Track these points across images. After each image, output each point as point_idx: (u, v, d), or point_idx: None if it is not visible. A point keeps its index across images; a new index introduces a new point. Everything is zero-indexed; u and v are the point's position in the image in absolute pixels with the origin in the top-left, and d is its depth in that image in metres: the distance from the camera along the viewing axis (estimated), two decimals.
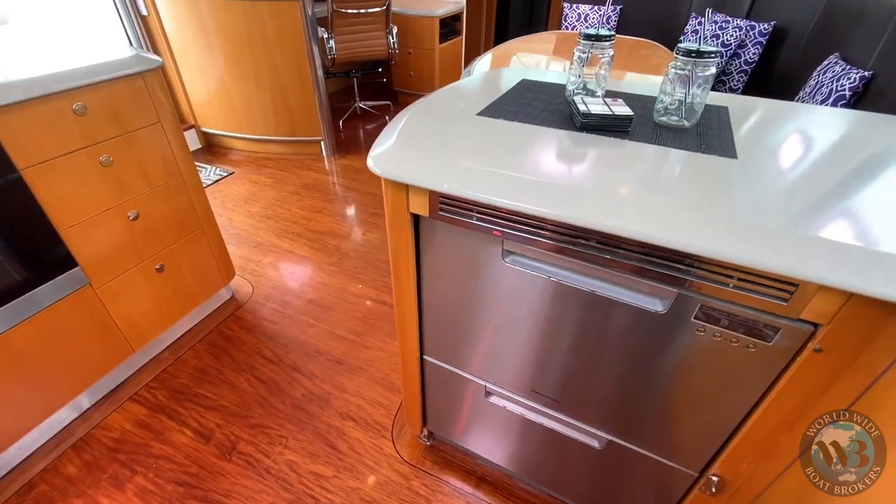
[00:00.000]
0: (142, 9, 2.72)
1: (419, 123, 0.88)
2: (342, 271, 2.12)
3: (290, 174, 2.97)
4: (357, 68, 3.42)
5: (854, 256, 0.54)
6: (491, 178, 0.71)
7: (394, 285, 0.98)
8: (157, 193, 1.45)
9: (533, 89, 1.07)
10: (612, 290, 0.73)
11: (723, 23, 2.76)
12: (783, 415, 0.69)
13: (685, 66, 0.82)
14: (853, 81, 1.75)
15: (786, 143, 0.83)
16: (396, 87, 4.06)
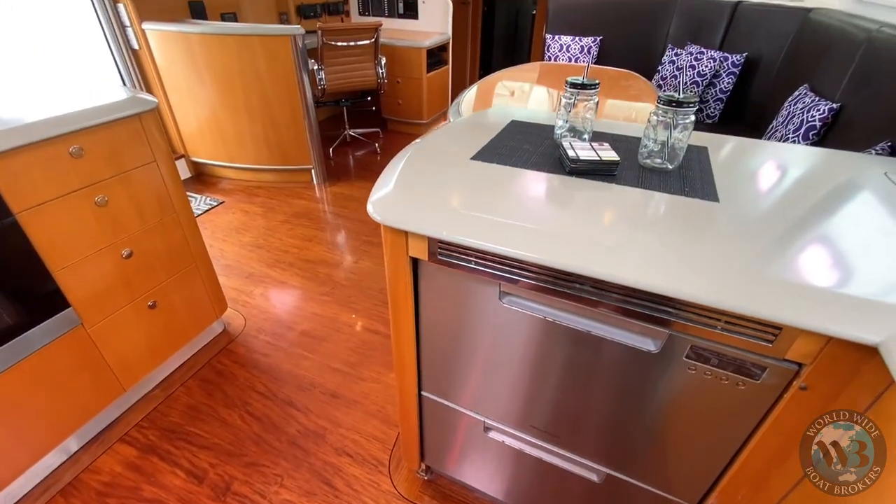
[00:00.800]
0: (133, 43, 2.75)
1: (416, 168, 0.91)
2: (335, 301, 2.12)
3: (280, 203, 2.98)
4: (347, 97, 3.48)
5: (831, 301, 0.58)
6: (488, 224, 0.74)
7: (392, 325, 0.99)
8: (152, 230, 1.46)
9: (522, 131, 1.12)
10: (606, 330, 0.75)
11: (698, 54, 2.90)
12: (773, 449, 0.72)
13: (666, 114, 0.87)
14: (823, 113, 1.85)
15: (764, 185, 0.88)
16: (385, 114, 4.13)
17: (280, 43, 2.61)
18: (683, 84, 0.95)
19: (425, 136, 1.10)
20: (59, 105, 1.21)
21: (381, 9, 4.08)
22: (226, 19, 3.17)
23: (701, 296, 0.61)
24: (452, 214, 0.76)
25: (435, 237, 0.76)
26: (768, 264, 0.63)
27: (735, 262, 0.64)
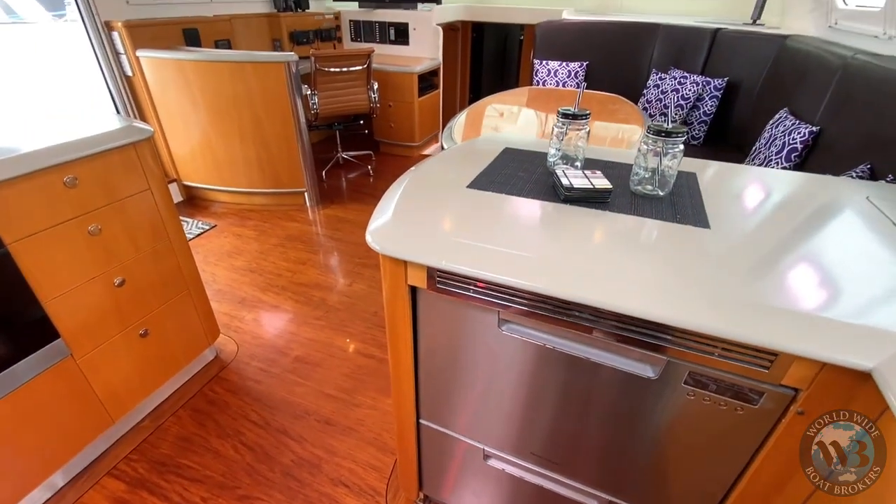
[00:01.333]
0: (127, 70, 2.77)
1: (413, 197, 0.92)
2: (329, 325, 2.11)
3: (273, 226, 2.98)
4: (339, 121, 3.52)
5: (824, 327, 0.60)
6: (486, 253, 0.75)
7: (390, 352, 0.99)
8: (145, 258, 1.44)
9: (516, 158, 1.14)
10: (605, 356, 0.76)
11: (681, 78, 2.99)
12: (773, 475, 0.72)
13: (656, 143, 0.89)
14: (803, 136, 1.91)
15: (752, 211, 0.91)
16: (377, 137, 4.18)
17: (274, 69, 2.65)
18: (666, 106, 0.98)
19: (421, 163, 1.12)
20: (54, 134, 1.21)
21: (372, 35, 4.17)
22: (220, 46, 3.21)
23: (697, 323, 0.62)
24: (451, 243, 0.77)
25: (434, 266, 0.77)
26: (761, 291, 0.65)
27: (729, 290, 0.65)
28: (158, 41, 2.79)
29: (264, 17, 3.64)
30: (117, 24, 2.60)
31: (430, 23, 3.91)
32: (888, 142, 1.47)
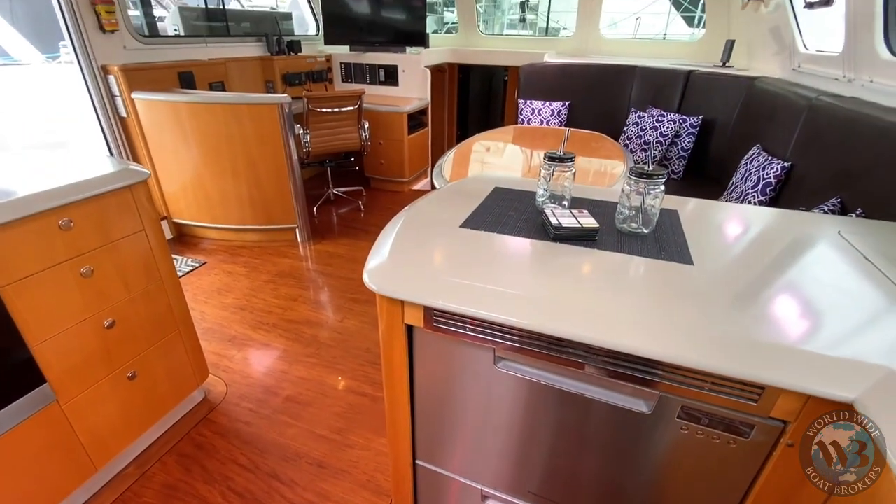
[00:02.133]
0: (121, 111, 2.82)
1: (408, 237, 0.95)
2: (320, 363, 2.08)
3: (264, 262, 2.98)
4: (331, 158, 3.59)
5: (806, 360, 0.62)
6: (481, 292, 0.77)
7: (386, 392, 0.99)
8: (136, 299, 1.44)
9: (506, 197, 1.19)
10: (599, 392, 0.78)
11: (658, 116, 3.14)
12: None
13: (638, 184, 0.94)
14: (776, 171, 2.01)
15: (732, 248, 0.95)
16: (368, 173, 4.26)
17: (267, 110, 2.72)
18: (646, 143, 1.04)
19: (415, 203, 1.16)
20: (51, 176, 1.23)
21: (363, 77, 4.32)
22: (214, 88, 3.30)
23: (685, 358, 0.65)
24: (447, 283, 0.79)
25: (431, 306, 0.79)
26: (745, 326, 0.68)
27: (714, 325, 0.68)
28: (154, 84, 2.86)
29: (258, 60, 3.76)
30: (113, 68, 2.67)
31: (418, 65, 4.08)
32: (855, 177, 1.56)
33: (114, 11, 2.59)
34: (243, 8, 5.06)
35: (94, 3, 2.53)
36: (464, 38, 4.78)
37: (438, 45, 4.64)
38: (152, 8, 3.69)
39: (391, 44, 4.24)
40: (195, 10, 3.64)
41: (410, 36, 4.24)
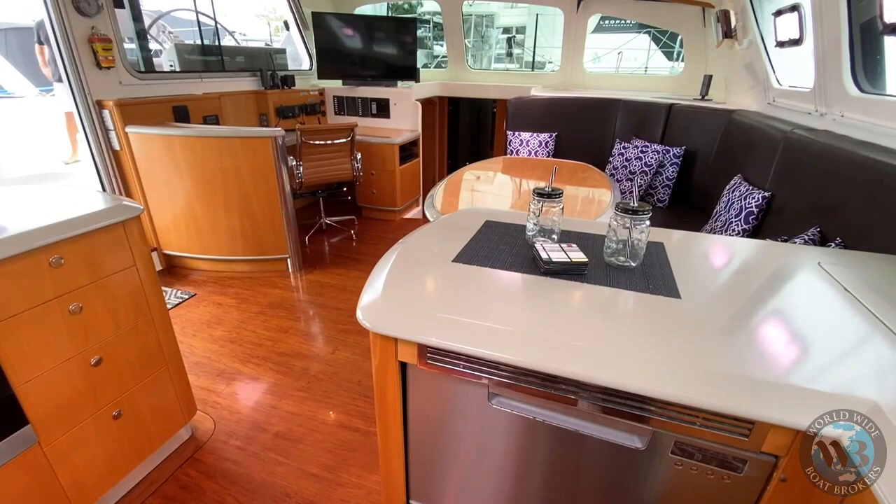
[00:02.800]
0: (114, 145, 2.84)
1: (401, 273, 0.96)
2: (311, 397, 2.04)
3: (255, 293, 2.95)
4: (323, 189, 3.63)
5: (793, 395, 0.64)
6: (474, 329, 0.78)
7: (379, 430, 0.98)
8: (125, 336, 1.42)
9: (497, 231, 1.21)
10: (594, 428, 0.78)
11: (643, 147, 3.24)
12: None
13: (624, 220, 0.97)
14: (758, 200, 2.08)
15: (718, 280, 0.98)
16: (360, 202, 4.30)
17: (261, 143, 2.76)
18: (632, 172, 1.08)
19: (407, 237, 1.18)
20: (43, 213, 1.23)
21: (355, 109, 4.42)
22: (208, 121, 3.34)
23: (675, 394, 0.66)
24: (440, 320, 0.80)
25: (424, 343, 0.80)
26: (733, 361, 0.69)
27: (703, 360, 0.69)
28: (148, 118, 2.90)
29: (252, 93, 3.84)
30: (108, 103, 2.70)
31: (409, 98, 4.19)
32: (831, 208, 1.62)
33: (111, 49, 2.65)
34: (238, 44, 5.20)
35: (92, 41, 2.58)
36: (453, 72, 4.93)
37: (429, 78, 4.79)
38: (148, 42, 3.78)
39: (383, 78, 4.36)
40: (191, 46, 3.72)
41: (401, 70, 4.37)
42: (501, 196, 2.71)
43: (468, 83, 4.81)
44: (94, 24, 2.58)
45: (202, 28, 3.65)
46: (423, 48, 7.83)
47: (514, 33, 9.31)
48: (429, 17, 7.77)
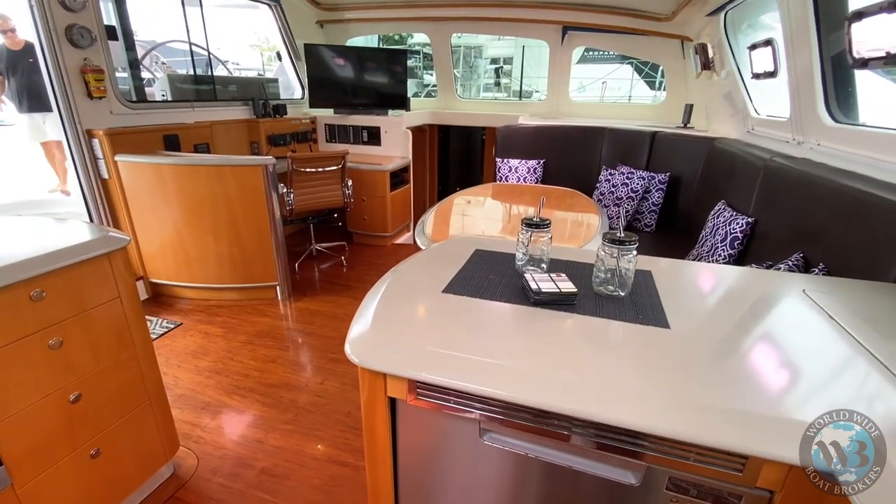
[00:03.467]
0: (103, 173, 2.83)
1: (391, 304, 0.95)
2: (299, 430, 1.99)
3: (242, 322, 2.90)
4: (314, 215, 3.63)
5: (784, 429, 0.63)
6: (465, 363, 0.77)
7: (368, 468, 0.95)
8: (106, 370, 1.38)
9: (487, 260, 1.22)
10: (587, 464, 0.76)
11: (629, 173, 3.31)
12: None
13: (612, 250, 0.98)
14: (742, 226, 2.12)
15: (706, 309, 0.98)
16: (351, 228, 4.30)
17: (251, 172, 2.77)
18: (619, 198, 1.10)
19: (397, 267, 1.17)
20: (25, 245, 1.21)
21: (346, 137, 4.47)
22: (199, 150, 3.35)
23: (666, 429, 0.65)
24: (430, 354, 0.79)
25: (414, 378, 0.78)
26: (723, 394, 0.69)
27: (693, 394, 0.69)
28: (138, 147, 2.90)
29: (244, 122, 3.87)
30: (99, 132, 2.71)
31: (400, 126, 4.26)
32: (814, 234, 1.65)
33: (103, 80, 2.67)
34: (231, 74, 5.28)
35: (84, 72, 2.60)
36: (443, 101, 5.04)
37: (419, 107, 4.88)
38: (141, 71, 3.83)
39: (374, 107, 4.44)
40: (183, 76, 3.77)
41: (392, 99, 4.45)
42: (491, 221, 2.74)
43: (458, 112, 4.91)
44: (87, 56, 2.60)
45: (195, 58, 3.71)
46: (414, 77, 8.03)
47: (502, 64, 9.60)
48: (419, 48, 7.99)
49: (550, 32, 4.20)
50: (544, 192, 3.19)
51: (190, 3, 3.58)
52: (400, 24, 4.93)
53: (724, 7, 2.75)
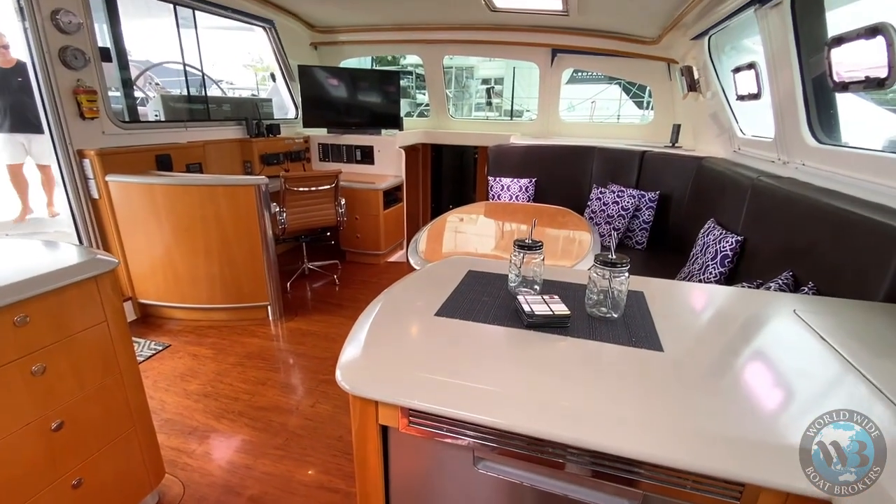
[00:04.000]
0: (93, 193, 2.81)
1: (383, 328, 0.94)
2: (289, 455, 1.94)
3: (232, 343, 2.86)
4: (307, 234, 3.62)
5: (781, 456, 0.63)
6: (458, 390, 0.76)
7: (359, 497, 0.93)
8: (90, 397, 1.34)
9: (479, 282, 1.21)
10: (583, 493, 0.75)
11: (619, 192, 3.35)
12: None
13: (603, 272, 0.99)
14: (731, 244, 2.14)
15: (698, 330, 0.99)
16: (344, 246, 4.28)
17: (244, 191, 2.77)
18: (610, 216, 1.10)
19: (390, 288, 1.17)
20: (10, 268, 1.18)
21: (340, 156, 4.50)
22: (191, 169, 3.35)
23: (662, 457, 0.64)
24: (422, 380, 0.78)
25: (406, 406, 0.77)
26: (718, 419, 0.69)
27: (688, 420, 0.69)
28: (130, 166, 2.89)
29: (237, 141, 3.88)
30: (90, 152, 2.69)
31: (393, 145, 4.29)
32: (802, 252, 1.68)
33: (95, 100, 2.67)
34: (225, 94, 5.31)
35: (77, 93, 2.60)
36: (435, 120, 5.10)
37: (412, 127, 4.94)
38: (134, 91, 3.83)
39: (367, 126, 4.48)
40: (177, 96, 3.79)
41: (385, 119, 4.50)
42: (484, 239, 2.74)
43: (450, 131, 4.97)
44: (80, 77, 2.61)
45: (189, 78, 3.73)
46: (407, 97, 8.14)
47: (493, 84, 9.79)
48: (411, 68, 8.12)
49: (540, 55, 4.29)
50: (536, 211, 3.21)
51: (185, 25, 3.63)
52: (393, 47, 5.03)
53: (708, 32, 2.83)
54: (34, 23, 2.37)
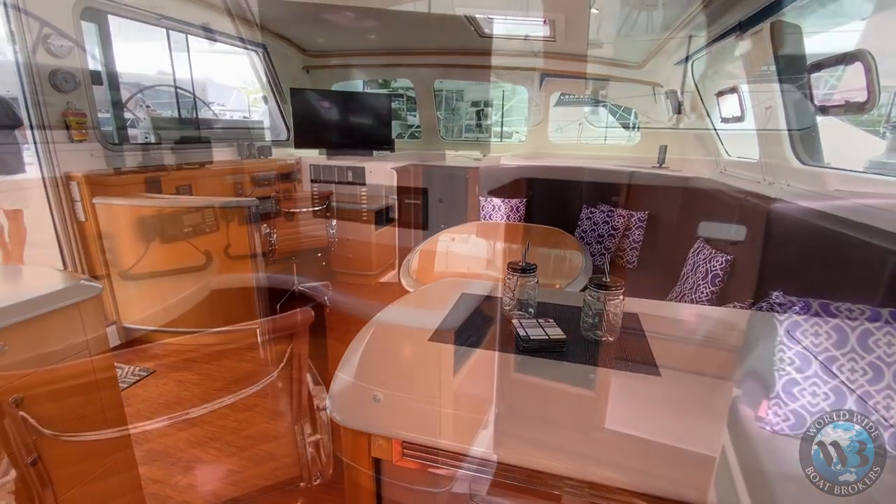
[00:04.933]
0: (80, 216, 2.76)
1: (375, 355, 0.92)
2: (276, 486, 1.87)
3: (220, 367, 2.78)
4: (297, 254, 3.59)
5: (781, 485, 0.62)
6: (453, 420, 0.74)
7: None
8: (69, 429, 1.28)
9: (473, 304, 1.20)
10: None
11: (609, 212, 3.39)
12: None
13: (598, 295, 0.98)
14: (721, 264, 2.16)
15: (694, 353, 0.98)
16: (335, 267, 4.24)
17: (233, 213, 2.74)
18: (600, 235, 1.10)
19: (383, 312, 1.15)
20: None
21: (331, 177, 4.50)
22: (181, 192, 3.32)
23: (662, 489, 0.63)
24: (416, 411, 0.76)
25: (401, 438, 0.75)
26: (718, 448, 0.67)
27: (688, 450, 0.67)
28: (118, 189, 2.86)
29: (228, 163, 3.87)
30: (77, 175, 2.66)
31: (385, 167, 4.31)
32: (790, 271, 1.69)
33: (84, 122, 2.66)
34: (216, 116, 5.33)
35: (66, 115, 2.59)
36: (427, 142, 5.15)
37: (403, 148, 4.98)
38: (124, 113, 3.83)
39: (359, 147, 4.50)
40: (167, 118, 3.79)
41: (377, 140, 4.53)
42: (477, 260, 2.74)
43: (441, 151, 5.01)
44: (70, 100, 2.60)
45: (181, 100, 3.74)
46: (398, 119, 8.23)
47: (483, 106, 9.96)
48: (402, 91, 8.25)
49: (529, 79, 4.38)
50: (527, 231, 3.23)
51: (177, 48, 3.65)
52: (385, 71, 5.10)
53: (690, 57, 2.92)
54: (24, 46, 2.37)
